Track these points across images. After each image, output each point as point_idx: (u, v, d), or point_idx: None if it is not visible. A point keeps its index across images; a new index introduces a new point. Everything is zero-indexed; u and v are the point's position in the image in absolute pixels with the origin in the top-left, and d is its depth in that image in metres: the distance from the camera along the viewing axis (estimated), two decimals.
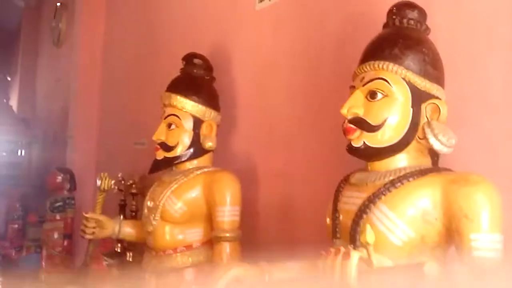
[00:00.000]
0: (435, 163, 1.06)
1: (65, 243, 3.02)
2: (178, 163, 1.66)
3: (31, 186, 4.94)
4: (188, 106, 1.65)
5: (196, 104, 1.66)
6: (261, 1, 1.89)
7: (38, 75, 6.36)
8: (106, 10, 3.80)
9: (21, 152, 5.25)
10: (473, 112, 1.13)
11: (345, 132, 1.05)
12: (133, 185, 2.53)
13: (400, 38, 1.03)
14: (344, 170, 1.29)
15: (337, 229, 1.07)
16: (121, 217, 2.52)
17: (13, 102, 6.70)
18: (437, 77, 1.03)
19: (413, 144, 1.03)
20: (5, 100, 5.60)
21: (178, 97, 1.66)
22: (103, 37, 3.80)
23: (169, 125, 1.66)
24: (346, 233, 1.03)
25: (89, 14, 3.79)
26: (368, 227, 0.82)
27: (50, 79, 5.45)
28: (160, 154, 1.66)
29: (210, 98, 1.71)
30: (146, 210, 1.68)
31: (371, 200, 0.99)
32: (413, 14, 1.07)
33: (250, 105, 1.94)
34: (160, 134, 1.66)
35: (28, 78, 6.67)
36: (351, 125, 1.04)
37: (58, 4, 4.91)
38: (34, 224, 3.55)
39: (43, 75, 6.02)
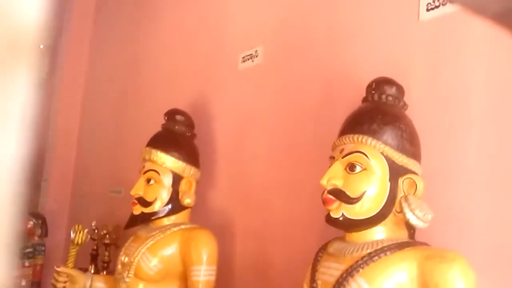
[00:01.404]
0: (411, 236, 1.08)
1: None
2: (155, 219, 1.65)
3: None
4: (168, 162, 1.66)
5: (176, 160, 1.67)
6: (244, 62, 1.94)
7: None
8: (89, 56, 3.83)
9: None
10: (449, 187, 1.16)
11: (324, 202, 1.07)
12: (107, 235, 2.49)
13: (379, 114, 1.07)
14: (322, 235, 1.30)
15: None
16: (92, 269, 2.48)
17: None
18: (414, 152, 1.07)
19: (391, 217, 1.05)
20: None
21: (159, 152, 1.66)
22: (85, 82, 3.82)
23: (148, 180, 1.65)
24: None
25: (71, 58, 3.81)
26: None
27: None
28: (138, 209, 1.65)
29: (190, 154, 1.72)
30: (120, 266, 1.64)
31: (349, 273, 0.99)
32: (392, 91, 1.11)
33: (230, 163, 1.95)
34: (139, 189, 1.65)
35: None
36: (330, 196, 1.06)
37: (41, 46, 4.94)
38: None
39: None
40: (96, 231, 2.50)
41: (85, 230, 1.99)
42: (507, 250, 1.06)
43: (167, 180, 1.65)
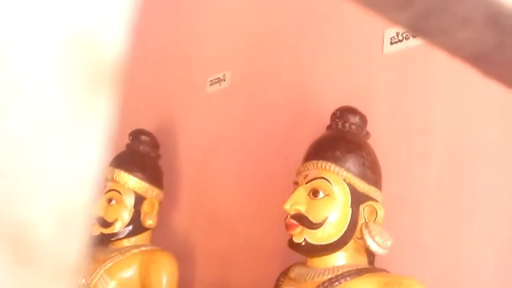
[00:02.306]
0: (371, 262, 1.10)
1: None
2: (114, 240, 1.62)
3: None
4: (131, 182, 1.64)
5: (140, 180, 1.65)
6: (211, 85, 1.96)
7: None
8: None
9: None
10: (409, 215, 1.19)
11: (287, 227, 1.08)
12: None
13: (342, 142, 1.09)
14: (285, 260, 1.31)
15: None
16: None
17: None
18: (375, 180, 1.10)
19: (351, 243, 1.07)
20: None
21: (122, 172, 1.64)
22: None
23: (109, 200, 1.62)
24: None
25: None
26: None
27: None
28: (97, 230, 1.61)
29: (154, 175, 1.71)
30: None
31: None
32: (355, 119, 1.15)
33: (194, 185, 1.94)
34: (99, 209, 1.62)
35: None
36: (293, 221, 1.07)
37: None
38: None
39: None
40: None
41: None
42: (464, 278, 1.09)
43: (129, 201, 1.63)
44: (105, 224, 1.60)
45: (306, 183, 1.09)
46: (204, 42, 2.10)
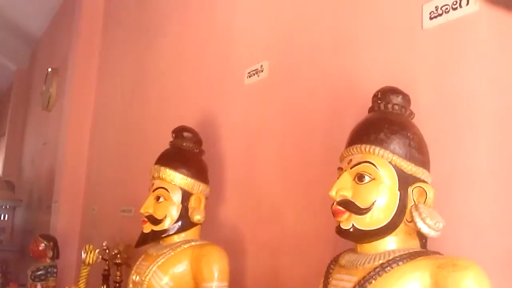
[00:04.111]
0: (423, 246, 1.07)
1: None
2: (165, 237, 1.65)
3: (13, 252, 4.82)
4: (177, 179, 1.66)
5: (185, 177, 1.67)
6: (249, 77, 1.95)
7: (26, 138, 6.35)
8: (98, 78, 3.87)
9: (4, 217, 5.16)
10: (460, 194, 1.15)
11: (334, 214, 1.06)
12: (118, 255, 2.49)
13: (386, 123, 1.06)
14: (334, 247, 1.29)
15: None
16: None
17: None
18: (423, 161, 1.06)
19: (401, 227, 1.04)
20: None
21: (167, 170, 1.67)
22: (94, 104, 3.85)
23: (158, 198, 1.65)
24: None
25: (80, 82, 3.85)
26: None
27: (37, 142, 5.46)
28: (148, 228, 1.65)
29: (199, 171, 1.72)
30: (131, 285, 1.64)
31: (361, 285, 0.98)
32: (398, 100, 1.11)
33: (239, 178, 1.95)
34: (148, 207, 1.65)
35: (15, 140, 6.66)
36: (340, 207, 1.05)
37: (49, 69, 5.00)
38: None
39: (31, 138, 6.03)
40: (107, 251, 2.50)
41: (96, 250, 1.99)
42: None
43: (177, 197, 1.65)
44: (155, 221, 1.63)
45: (351, 168, 1.07)
46: (240, 34, 2.10)
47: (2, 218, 5.17)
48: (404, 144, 1.04)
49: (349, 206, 1.04)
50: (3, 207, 5.15)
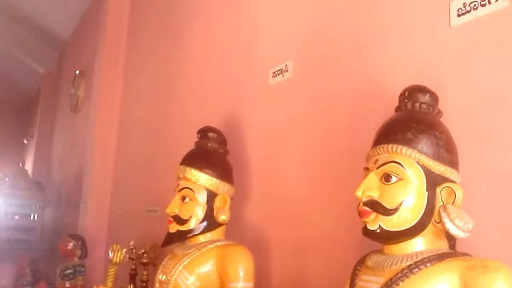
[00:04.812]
0: (452, 247, 1.05)
1: None
2: (191, 237, 1.66)
3: (42, 251, 4.92)
4: (202, 179, 1.67)
5: (210, 177, 1.67)
6: (274, 77, 1.95)
7: (54, 139, 6.48)
8: (124, 80, 3.92)
9: (34, 216, 5.27)
10: (490, 194, 1.12)
11: (360, 214, 1.05)
12: (145, 255, 2.52)
13: (413, 123, 1.05)
14: (360, 248, 1.28)
15: None
16: None
17: (28, 166, 6.80)
18: (451, 160, 1.04)
19: (430, 228, 1.02)
20: (20, 164, 5.69)
21: (193, 170, 1.68)
22: (120, 105, 3.90)
23: (183, 198, 1.66)
24: None
25: (107, 83, 3.91)
26: None
27: (65, 144, 5.56)
28: (173, 227, 1.66)
29: (224, 171, 1.73)
30: (157, 284, 1.65)
31: (388, 286, 0.97)
32: (425, 98, 1.09)
33: (264, 178, 1.95)
34: (174, 207, 1.66)
35: (44, 142, 6.81)
36: (366, 208, 1.04)
37: (77, 72, 5.09)
38: None
39: (59, 139, 6.14)
40: (134, 250, 2.53)
41: (123, 250, 2.02)
42: None
43: (202, 198, 1.66)
44: (181, 221, 1.64)
45: (377, 168, 1.05)
46: (264, 34, 2.10)
47: (31, 218, 5.27)
48: (432, 144, 1.03)
49: (375, 206, 1.03)
50: (33, 207, 5.26)
